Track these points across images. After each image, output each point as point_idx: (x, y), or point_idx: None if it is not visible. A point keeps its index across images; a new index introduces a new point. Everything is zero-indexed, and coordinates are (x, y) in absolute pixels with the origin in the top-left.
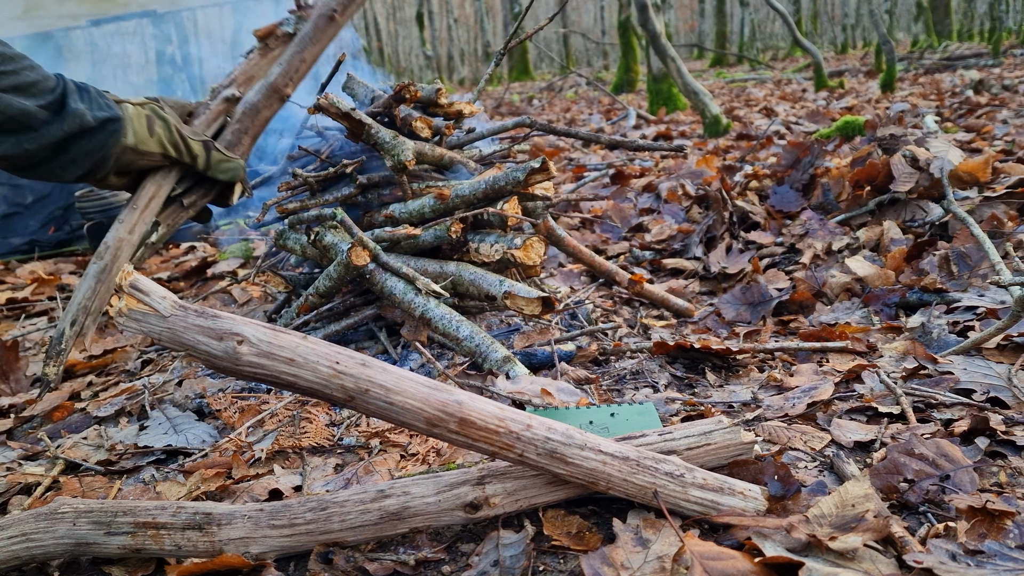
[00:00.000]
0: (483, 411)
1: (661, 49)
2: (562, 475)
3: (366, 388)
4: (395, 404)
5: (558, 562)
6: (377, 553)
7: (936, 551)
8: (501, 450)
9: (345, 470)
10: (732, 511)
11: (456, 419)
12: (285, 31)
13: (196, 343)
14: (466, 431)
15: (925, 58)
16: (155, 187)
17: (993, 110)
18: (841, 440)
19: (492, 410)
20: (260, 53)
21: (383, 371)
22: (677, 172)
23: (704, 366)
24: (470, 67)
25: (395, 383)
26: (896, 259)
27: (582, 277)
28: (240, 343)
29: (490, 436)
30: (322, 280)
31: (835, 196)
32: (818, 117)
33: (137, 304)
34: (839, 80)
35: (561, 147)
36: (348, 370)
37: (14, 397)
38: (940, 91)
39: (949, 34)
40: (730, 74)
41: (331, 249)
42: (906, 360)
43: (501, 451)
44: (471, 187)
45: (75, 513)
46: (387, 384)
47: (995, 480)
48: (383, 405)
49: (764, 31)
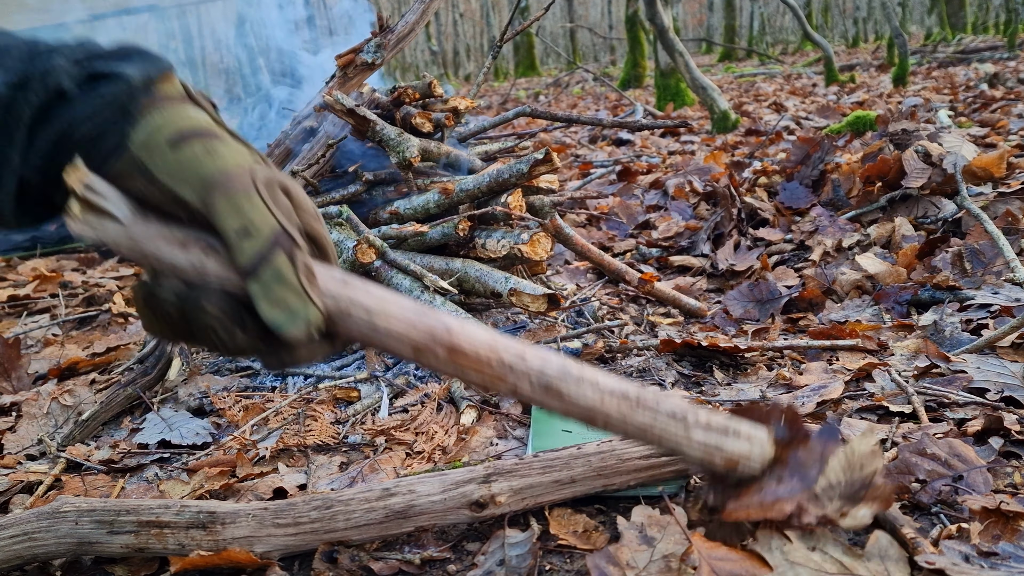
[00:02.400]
0: (474, 339)
1: (669, 44)
2: (557, 410)
3: (347, 310)
4: (379, 328)
5: (564, 561)
6: (382, 552)
7: (949, 552)
8: (492, 381)
9: (350, 468)
10: (735, 457)
11: (444, 346)
12: (364, 59)
13: (158, 252)
14: (455, 359)
15: (939, 51)
16: None
17: (1008, 104)
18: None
19: (484, 338)
20: (339, 81)
21: (366, 292)
22: (685, 168)
23: (711, 364)
24: (476, 62)
25: (378, 305)
26: (908, 256)
27: (588, 274)
28: (208, 254)
29: (481, 366)
30: None
31: (846, 192)
32: (828, 112)
33: (92, 209)
34: (850, 74)
35: (567, 144)
36: (326, 289)
37: (16, 395)
38: (954, 85)
39: (963, 27)
40: (739, 69)
41: (337, 246)
42: (918, 359)
43: (492, 383)
44: (475, 181)
45: (77, 512)
46: (370, 306)
47: (1009, 481)
48: (366, 331)
49: (774, 25)
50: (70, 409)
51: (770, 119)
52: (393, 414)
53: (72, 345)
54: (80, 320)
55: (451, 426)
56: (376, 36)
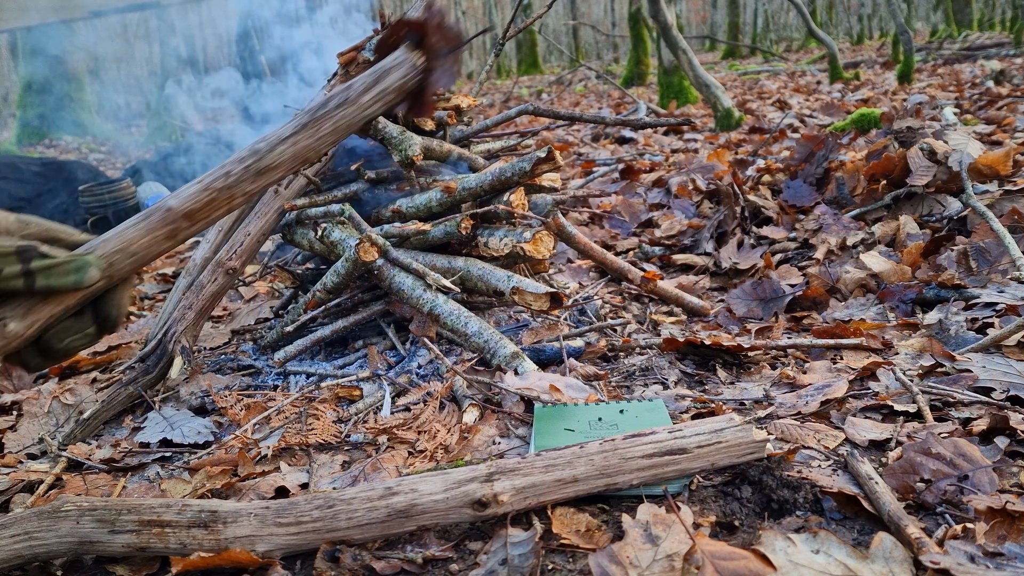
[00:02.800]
0: (193, 195)
1: (672, 41)
2: (280, 177)
3: (110, 260)
4: (136, 252)
5: (567, 560)
6: (384, 551)
7: (954, 552)
8: (232, 204)
9: (352, 467)
10: (400, 83)
11: (182, 218)
12: (366, 57)
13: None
14: (196, 218)
15: (944, 48)
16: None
17: (1015, 101)
18: (856, 439)
19: (196, 188)
20: (341, 79)
21: (106, 240)
22: (688, 167)
23: (715, 363)
24: (478, 60)
25: (121, 241)
26: (913, 254)
27: (591, 273)
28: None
29: (214, 205)
30: (330, 276)
31: (850, 190)
32: (833, 110)
33: None
34: (855, 72)
35: (570, 142)
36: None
37: (17, 394)
38: (959, 82)
39: (969, 23)
40: (743, 66)
41: (338, 245)
42: (923, 357)
43: (233, 205)
44: (478, 179)
45: (78, 511)
46: (121, 247)
47: (1015, 480)
48: (131, 262)
49: (778, 22)
50: (71, 408)
51: (774, 117)
52: (395, 413)
53: None
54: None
55: (453, 425)
56: (378, 34)
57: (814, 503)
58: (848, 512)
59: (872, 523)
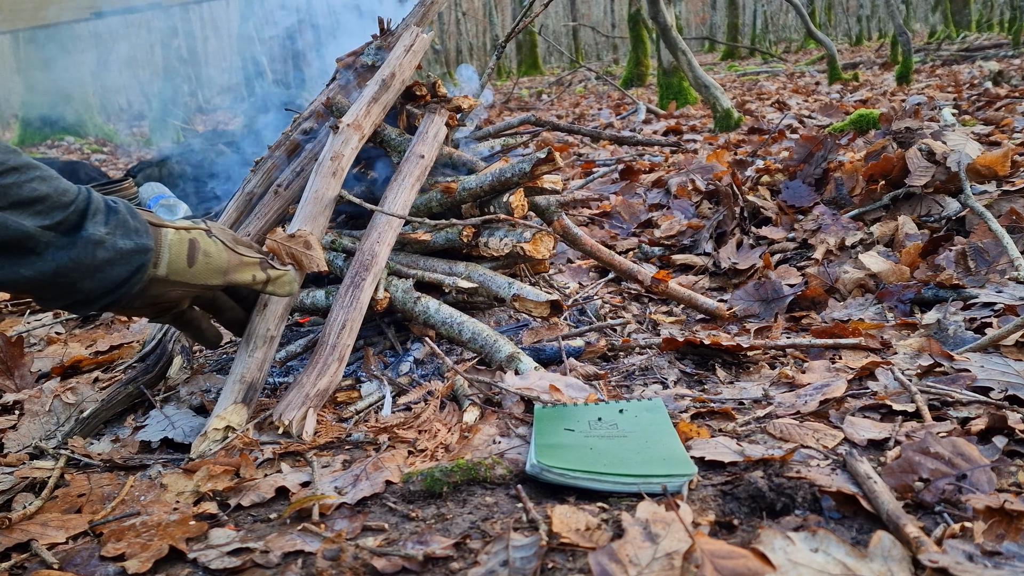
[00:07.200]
0: None
1: (672, 42)
2: None
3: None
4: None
5: (567, 559)
6: (385, 548)
7: (952, 551)
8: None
9: (353, 466)
10: None
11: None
12: (364, 62)
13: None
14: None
15: (943, 49)
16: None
17: (1013, 102)
18: (854, 438)
19: None
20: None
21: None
22: (687, 167)
23: (714, 362)
24: (478, 61)
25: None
26: (911, 254)
27: (591, 273)
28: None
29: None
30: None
31: (848, 191)
32: (832, 110)
33: None
34: (853, 72)
35: (570, 143)
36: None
37: (19, 393)
38: (958, 83)
39: (968, 24)
40: (742, 67)
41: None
42: (921, 357)
43: None
44: (477, 180)
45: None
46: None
47: (1014, 480)
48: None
49: (777, 23)
50: (72, 407)
51: (773, 117)
52: (396, 412)
53: (75, 343)
54: (83, 318)
55: (454, 424)
56: (377, 38)
57: (813, 502)
58: (847, 511)
59: (871, 522)
